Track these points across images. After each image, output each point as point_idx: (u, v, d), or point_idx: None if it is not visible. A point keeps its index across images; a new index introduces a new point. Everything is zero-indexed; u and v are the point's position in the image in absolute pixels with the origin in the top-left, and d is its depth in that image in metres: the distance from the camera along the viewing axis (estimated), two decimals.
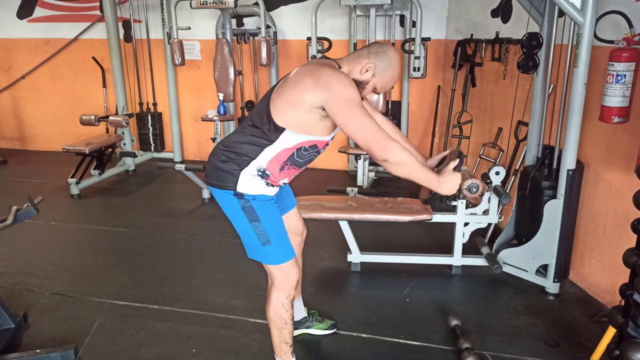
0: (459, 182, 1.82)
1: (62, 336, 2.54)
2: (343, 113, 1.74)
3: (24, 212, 2.40)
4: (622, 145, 2.62)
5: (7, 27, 6.03)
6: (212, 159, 1.98)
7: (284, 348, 2.11)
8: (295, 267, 2.02)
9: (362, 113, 1.73)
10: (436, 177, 1.82)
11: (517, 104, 3.49)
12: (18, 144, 6.49)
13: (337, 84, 1.74)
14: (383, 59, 1.87)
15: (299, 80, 1.81)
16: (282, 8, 5.21)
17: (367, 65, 1.86)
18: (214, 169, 1.95)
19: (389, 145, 1.73)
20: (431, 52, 4.77)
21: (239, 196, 1.90)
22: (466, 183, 2.98)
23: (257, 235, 1.93)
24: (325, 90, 1.74)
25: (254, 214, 1.91)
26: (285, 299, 2.02)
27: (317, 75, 1.78)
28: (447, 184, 1.82)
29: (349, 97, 1.73)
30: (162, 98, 5.76)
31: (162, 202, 4.57)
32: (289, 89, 1.82)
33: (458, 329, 2.50)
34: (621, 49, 2.40)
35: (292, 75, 1.87)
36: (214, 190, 1.98)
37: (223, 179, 1.91)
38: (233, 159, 1.90)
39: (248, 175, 1.89)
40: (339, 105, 1.74)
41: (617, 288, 1.98)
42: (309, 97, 1.77)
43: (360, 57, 1.89)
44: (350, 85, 1.76)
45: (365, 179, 4.53)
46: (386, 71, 1.88)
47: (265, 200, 1.94)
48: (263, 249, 1.96)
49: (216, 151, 1.98)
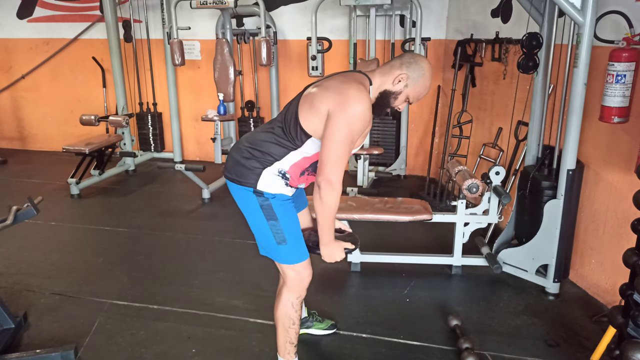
0: (339, 258, 1.93)
1: (62, 336, 2.54)
2: (336, 129, 1.75)
3: (24, 212, 2.40)
4: (622, 145, 2.62)
5: (7, 27, 6.03)
6: (234, 154, 1.97)
7: (288, 348, 2.11)
8: (309, 269, 2.02)
9: (347, 142, 1.77)
10: (331, 237, 1.90)
11: (517, 104, 3.49)
12: (18, 144, 6.49)
13: (353, 106, 1.76)
14: (415, 69, 1.87)
15: (327, 89, 1.83)
16: (282, 8, 5.21)
17: (399, 76, 1.87)
18: (235, 164, 1.94)
19: (337, 183, 1.78)
20: (431, 52, 4.77)
21: (259, 194, 1.90)
22: (466, 183, 2.99)
23: (274, 233, 1.93)
24: (338, 104, 1.76)
25: (272, 212, 1.91)
26: (295, 300, 2.03)
27: (341, 89, 1.80)
28: (329, 250, 1.92)
29: (351, 122, 1.76)
30: (162, 98, 5.76)
31: (162, 202, 4.57)
32: (316, 97, 1.83)
33: (458, 329, 2.50)
34: (621, 49, 2.40)
35: (324, 82, 1.88)
36: (231, 185, 1.96)
37: (244, 175, 1.90)
38: (257, 157, 1.90)
39: (270, 174, 1.89)
40: (338, 121, 1.75)
41: (617, 288, 1.98)
42: (324, 106, 1.79)
43: (392, 68, 1.89)
44: (361, 115, 1.77)
45: (365, 179, 4.53)
46: (419, 81, 1.88)
47: (283, 199, 1.94)
48: (278, 248, 1.95)
49: (240, 147, 1.96)
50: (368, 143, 4.54)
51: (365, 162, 4.47)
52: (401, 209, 3.07)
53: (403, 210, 3.06)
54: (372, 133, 4.91)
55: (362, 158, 4.43)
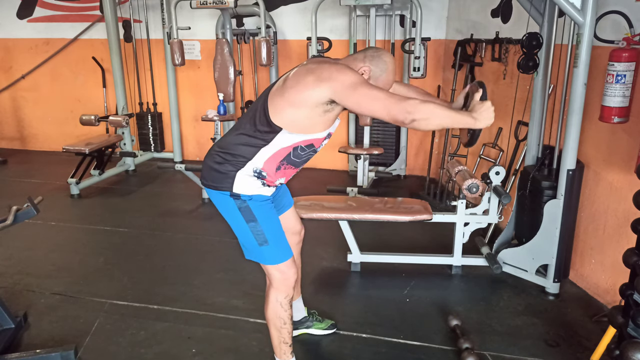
0: (492, 110, 1.77)
1: (62, 336, 2.54)
2: (353, 95, 1.74)
3: (24, 212, 2.40)
4: (622, 145, 2.62)
5: (7, 27, 6.03)
6: (207, 161, 1.98)
7: (284, 348, 2.11)
8: (293, 267, 2.02)
9: (369, 88, 1.74)
10: (469, 114, 1.77)
11: (517, 104, 3.49)
12: (18, 144, 6.49)
13: (337, 72, 1.76)
14: (378, 63, 1.87)
15: (300, 80, 1.82)
16: (282, 8, 5.21)
17: (362, 69, 1.87)
18: (209, 170, 1.95)
19: (408, 105, 1.68)
20: (431, 52, 4.77)
21: (235, 197, 1.91)
22: (466, 183, 2.99)
23: (254, 235, 1.94)
24: (329, 83, 1.75)
25: (250, 214, 1.92)
26: (283, 299, 2.02)
27: (318, 72, 1.79)
28: (482, 116, 1.76)
29: (352, 80, 1.74)
30: (162, 98, 5.76)
31: (162, 202, 4.57)
32: (291, 89, 1.82)
33: (458, 329, 2.50)
34: (621, 49, 2.40)
35: (292, 75, 1.87)
36: (209, 191, 1.98)
37: (219, 180, 1.91)
38: (229, 160, 1.90)
39: (244, 175, 1.90)
40: (346, 91, 1.74)
41: (617, 288, 1.98)
42: (314, 94, 1.77)
43: (356, 60, 1.89)
44: (349, 70, 1.77)
45: (365, 179, 4.53)
46: (381, 76, 1.88)
47: (261, 200, 1.94)
48: (260, 249, 1.96)
49: (211, 152, 1.98)
50: (368, 143, 4.54)
51: (365, 162, 4.47)
52: (401, 209, 3.07)
53: (403, 210, 3.06)
54: (372, 133, 4.91)
55: (362, 158, 4.43)
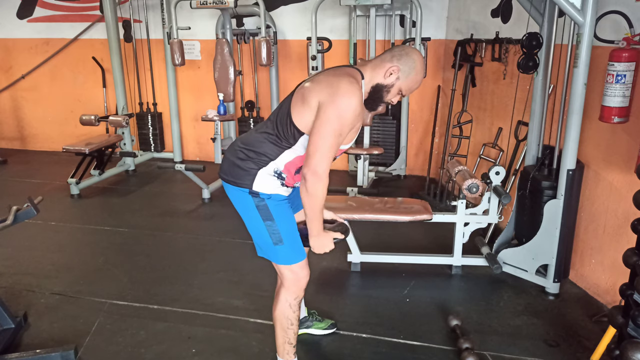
0: (328, 249, 1.92)
1: (62, 336, 2.54)
2: (325, 121, 1.74)
3: (24, 212, 2.40)
4: (622, 145, 2.62)
5: (7, 27, 6.02)
6: (229, 156, 1.97)
7: (287, 348, 2.11)
8: (306, 269, 2.02)
9: (336, 135, 1.75)
10: (319, 229, 1.89)
11: (517, 104, 3.49)
12: (18, 144, 6.49)
13: (343, 99, 1.74)
14: (407, 61, 1.86)
15: (319, 82, 1.82)
16: (282, 8, 5.21)
17: (390, 69, 1.86)
18: (230, 166, 1.94)
19: (323, 174, 1.76)
20: (431, 52, 4.77)
21: (254, 194, 1.90)
22: (466, 183, 2.99)
23: (270, 234, 1.93)
24: (328, 96, 1.75)
25: (268, 213, 1.91)
26: (293, 300, 2.02)
27: (332, 82, 1.79)
28: (318, 241, 1.90)
29: (341, 115, 1.74)
30: (162, 98, 5.76)
31: (162, 202, 4.57)
32: (308, 91, 1.82)
33: (458, 329, 2.50)
34: (621, 49, 2.40)
35: (315, 77, 1.87)
36: (227, 186, 1.96)
37: (240, 176, 1.90)
38: (252, 158, 1.90)
39: (265, 174, 1.89)
40: (327, 112, 1.74)
41: (617, 288, 1.99)
42: (314, 99, 1.78)
43: (383, 61, 1.88)
44: (352, 108, 1.76)
45: (365, 179, 4.53)
46: (410, 74, 1.87)
47: (279, 199, 1.94)
48: (275, 249, 1.95)
49: (235, 148, 1.96)
50: (368, 143, 4.54)
51: (365, 162, 4.47)
52: (401, 209, 3.07)
53: (403, 210, 3.06)
54: (372, 133, 4.91)
55: (362, 158, 4.43)
